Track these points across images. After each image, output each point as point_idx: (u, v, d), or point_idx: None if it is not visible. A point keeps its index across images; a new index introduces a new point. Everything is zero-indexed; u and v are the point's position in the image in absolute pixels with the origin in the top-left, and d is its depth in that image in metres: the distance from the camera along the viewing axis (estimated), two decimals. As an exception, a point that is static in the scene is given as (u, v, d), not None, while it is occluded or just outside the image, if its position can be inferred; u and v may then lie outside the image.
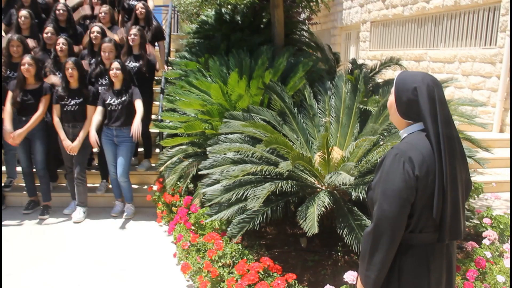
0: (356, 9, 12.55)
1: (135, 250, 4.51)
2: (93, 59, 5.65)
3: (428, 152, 1.88)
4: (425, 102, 1.90)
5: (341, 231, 3.49)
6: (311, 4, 7.90)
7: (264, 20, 7.46)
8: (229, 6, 7.91)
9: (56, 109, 5.12)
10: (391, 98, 2.04)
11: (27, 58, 5.05)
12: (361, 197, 3.60)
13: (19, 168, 5.65)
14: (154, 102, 6.45)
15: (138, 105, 5.06)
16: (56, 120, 5.10)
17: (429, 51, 9.37)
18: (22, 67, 5.02)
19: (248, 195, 3.68)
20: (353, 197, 3.70)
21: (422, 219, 1.93)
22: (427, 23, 9.57)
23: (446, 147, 1.87)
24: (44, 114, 5.16)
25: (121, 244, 4.64)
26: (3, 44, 5.37)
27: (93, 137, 4.92)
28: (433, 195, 1.88)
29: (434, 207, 1.88)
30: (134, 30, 5.74)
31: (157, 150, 6.20)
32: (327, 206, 3.50)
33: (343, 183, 3.40)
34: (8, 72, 5.33)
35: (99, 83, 5.44)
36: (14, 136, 4.96)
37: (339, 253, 3.98)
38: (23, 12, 5.90)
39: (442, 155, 1.86)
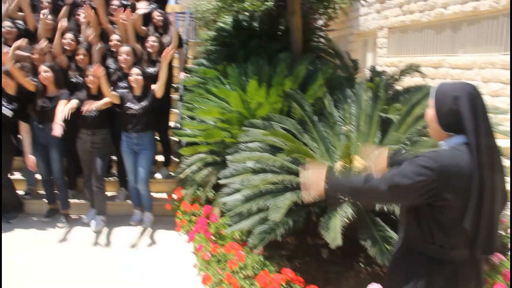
0: (373, 15, 12.46)
1: (155, 259, 4.48)
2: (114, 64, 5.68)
3: (467, 164, 1.82)
4: (467, 112, 1.84)
5: (364, 242, 3.43)
6: (329, 10, 7.84)
7: (281, 27, 7.43)
8: (246, 13, 7.90)
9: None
10: (431, 112, 1.98)
11: (43, 66, 5.07)
12: (385, 208, 3.53)
13: (38, 176, 5.68)
14: (172, 110, 6.45)
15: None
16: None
17: (447, 58, 9.25)
18: (39, 76, 5.05)
19: (269, 205, 3.64)
20: (376, 207, 3.63)
21: (454, 235, 1.88)
22: (445, 29, 9.46)
23: (487, 159, 1.81)
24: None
25: (140, 253, 4.63)
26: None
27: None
28: (467, 210, 1.83)
29: (468, 221, 1.83)
30: (152, 37, 5.77)
31: (176, 159, 6.18)
32: (350, 217, 3.45)
33: (366, 193, 3.34)
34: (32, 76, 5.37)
35: (116, 85, 5.44)
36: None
37: (361, 264, 3.91)
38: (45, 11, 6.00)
39: (482, 167, 1.80)
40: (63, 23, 5.58)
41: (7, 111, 5.03)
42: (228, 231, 4.05)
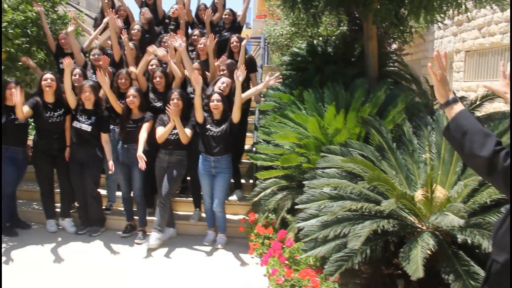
0: (449, 38, 12.13)
1: (227, 281, 4.53)
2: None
3: None
4: None
5: (446, 276, 3.31)
6: (405, 34, 7.73)
7: (356, 52, 7.40)
8: (320, 38, 7.96)
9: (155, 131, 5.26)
10: None
11: (131, 91, 5.36)
12: (469, 241, 3.39)
13: (119, 193, 5.95)
14: (247, 134, 6.56)
15: None
16: (144, 136, 5.20)
17: (531, 82, 8.79)
18: (127, 99, 5.33)
19: (346, 233, 3.61)
20: (459, 240, 3.49)
21: None
22: (529, 52, 9.02)
23: None
24: (147, 137, 5.26)
25: (213, 274, 4.68)
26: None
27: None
28: None
29: None
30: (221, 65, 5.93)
31: (250, 181, 6.26)
32: (432, 249, 3.34)
33: (450, 224, 3.24)
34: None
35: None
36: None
37: (440, 299, 3.76)
38: (137, 26, 6.41)
39: None
40: (150, 49, 5.87)
41: (86, 126, 5.35)
42: (303, 256, 4.04)
